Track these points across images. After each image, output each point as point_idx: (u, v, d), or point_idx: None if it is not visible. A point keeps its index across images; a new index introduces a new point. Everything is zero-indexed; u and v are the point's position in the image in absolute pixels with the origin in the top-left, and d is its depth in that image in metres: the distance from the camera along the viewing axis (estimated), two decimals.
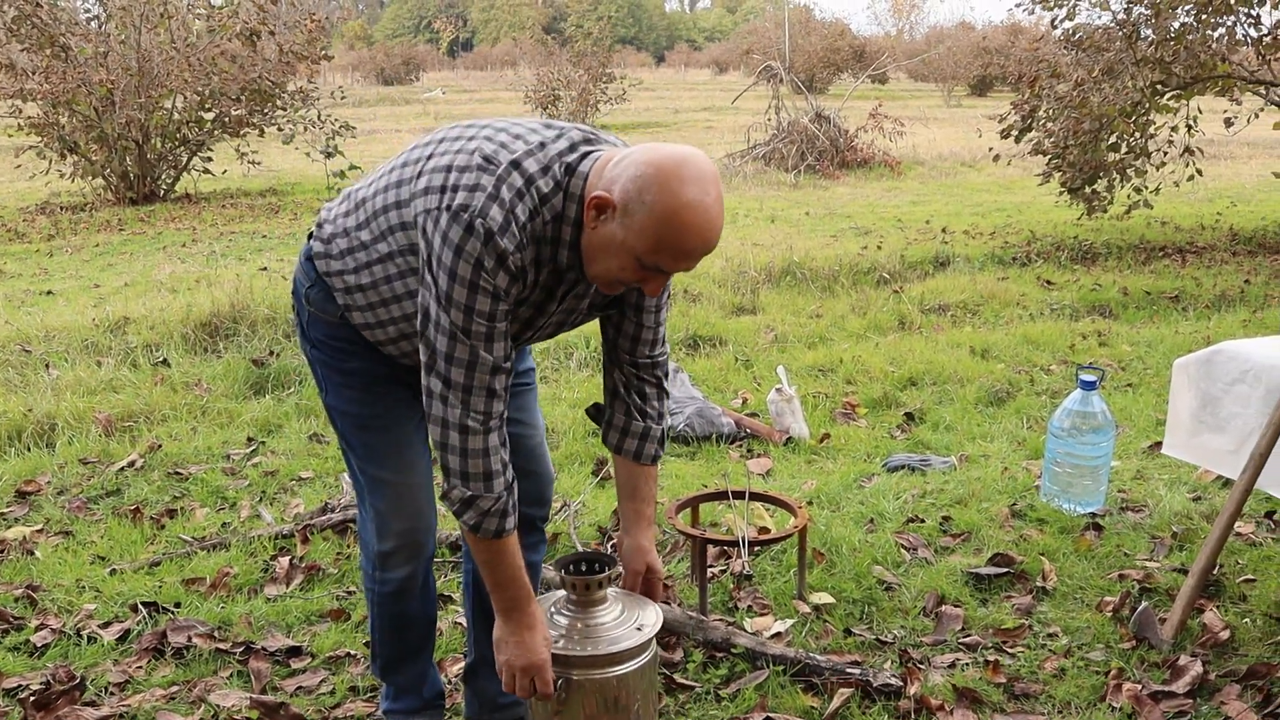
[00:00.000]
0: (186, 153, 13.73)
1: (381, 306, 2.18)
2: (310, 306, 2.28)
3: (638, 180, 1.90)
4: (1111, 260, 8.93)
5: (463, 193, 1.94)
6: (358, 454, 2.35)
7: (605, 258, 2.00)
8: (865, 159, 16.04)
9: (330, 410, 2.38)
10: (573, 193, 2.00)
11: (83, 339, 6.16)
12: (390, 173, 2.13)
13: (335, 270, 2.21)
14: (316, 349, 2.32)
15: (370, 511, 2.38)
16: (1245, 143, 17.50)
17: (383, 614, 2.49)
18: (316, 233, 2.27)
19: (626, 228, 1.93)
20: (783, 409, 4.84)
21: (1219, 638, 2.98)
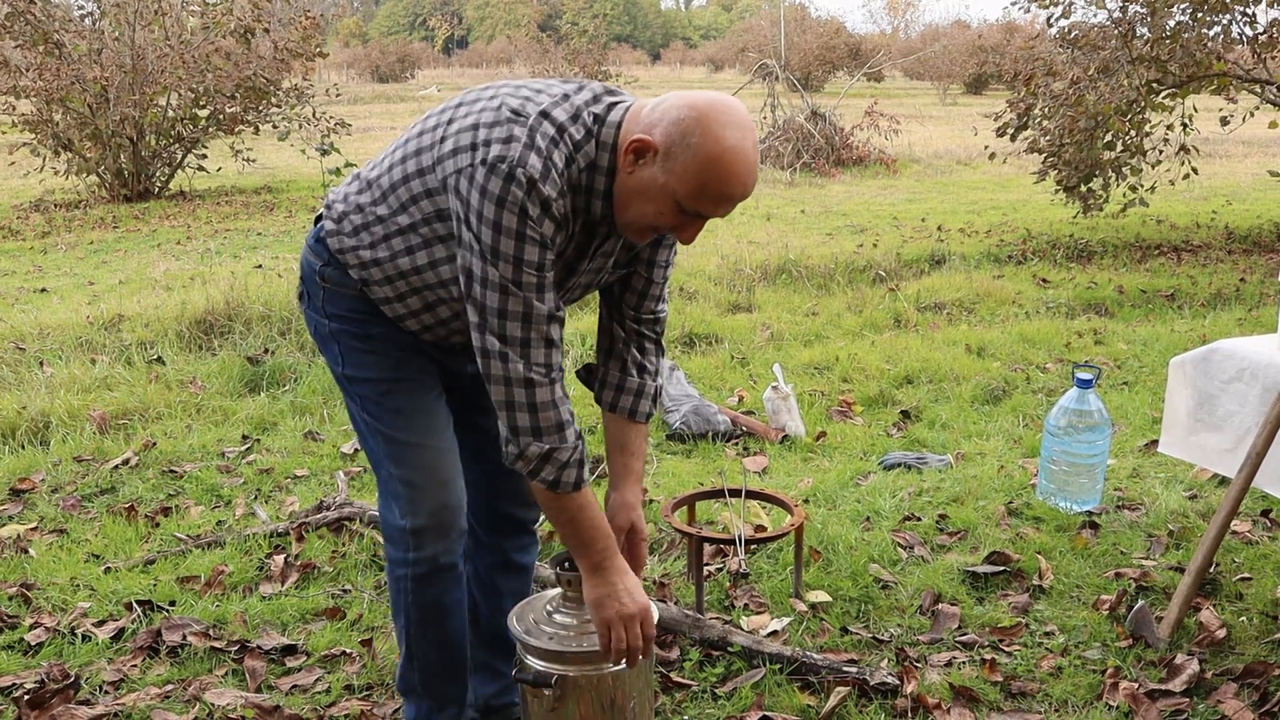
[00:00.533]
0: (181, 150, 13.70)
1: (401, 279, 2.15)
2: (326, 284, 2.24)
3: (680, 124, 1.90)
4: (1107, 258, 8.93)
5: (497, 145, 1.92)
6: (383, 421, 2.26)
7: (642, 202, 1.99)
8: (861, 157, 16.04)
9: (350, 383, 2.30)
10: (605, 141, 1.99)
11: (77, 336, 6.14)
12: (405, 144, 2.11)
13: (349, 247, 2.18)
14: (336, 321, 2.26)
15: (398, 487, 2.26)
16: (1240, 141, 17.53)
17: (419, 603, 2.33)
18: (326, 214, 2.25)
19: (668, 171, 1.93)
20: (779, 407, 4.84)
21: (1215, 636, 2.98)
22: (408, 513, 2.26)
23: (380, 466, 2.31)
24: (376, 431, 2.27)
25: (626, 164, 1.96)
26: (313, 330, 2.35)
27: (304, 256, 2.31)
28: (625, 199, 2.00)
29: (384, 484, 2.31)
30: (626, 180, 1.98)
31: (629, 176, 1.97)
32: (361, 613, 3.27)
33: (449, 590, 2.35)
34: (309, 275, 2.29)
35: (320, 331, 2.31)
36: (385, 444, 2.27)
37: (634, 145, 1.93)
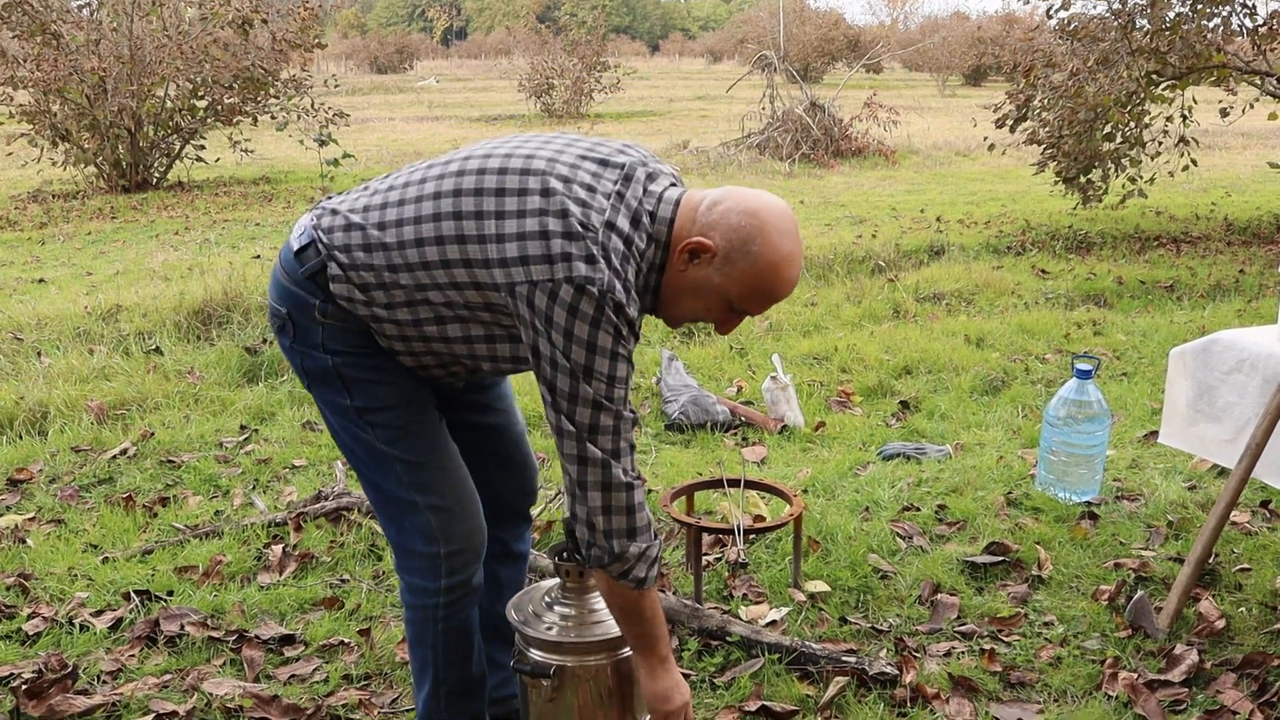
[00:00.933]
0: (179, 141, 13.67)
1: (421, 341, 2.10)
2: (327, 320, 2.10)
3: (740, 231, 1.95)
4: (1106, 250, 8.92)
5: (581, 266, 1.88)
6: (403, 449, 2.18)
7: (692, 300, 2.03)
8: (860, 148, 16.02)
9: (362, 415, 2.17)
10: (659, 239, 2.01)
11: (75, 327, 6.13)
12: (435, 220, 1.99)
13: (360, 299, 2.06)
14: (339, 356, 2.13)
15: (425, 516, 2.20)
16: (1240, 133, 17.51)
17: (450, 629, 2.29)
18: (329, 254, 2.07)
19: (725, 275, 1.97)
20: (778, 397, 4.83)
21: (1215, 627, 2.98)
22: (440, 539, 2.21)
23: (399, 499, 2.21)
24: (396, 460, 2.18)
25: (680, 261, 1.99)
26: (303, 366, 2.19)
27: (285, 289, 2.14)
28: (675, 295, 2.04)
29: (404, 515, 2.22)
30: (679, 277, 2.01)
31: (681, 274, 2.00)
32: (360, 602, 3.27)
33: (473, 609, 2.33)
34: (300, 311, 2.12)
35: (318, 367, 2.16)
36: (410, 471, 2.19)
37: (691, 246, 1.96)
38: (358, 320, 2.10)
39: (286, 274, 2.13)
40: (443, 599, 2.25)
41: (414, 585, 2.27)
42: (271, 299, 2.18)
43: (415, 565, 2.25)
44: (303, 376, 2.22)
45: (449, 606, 2.26)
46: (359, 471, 2.26)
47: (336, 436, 2.26)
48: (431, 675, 2.32)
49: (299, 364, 2.20)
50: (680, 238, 1.99)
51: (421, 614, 2.28)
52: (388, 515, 2.25)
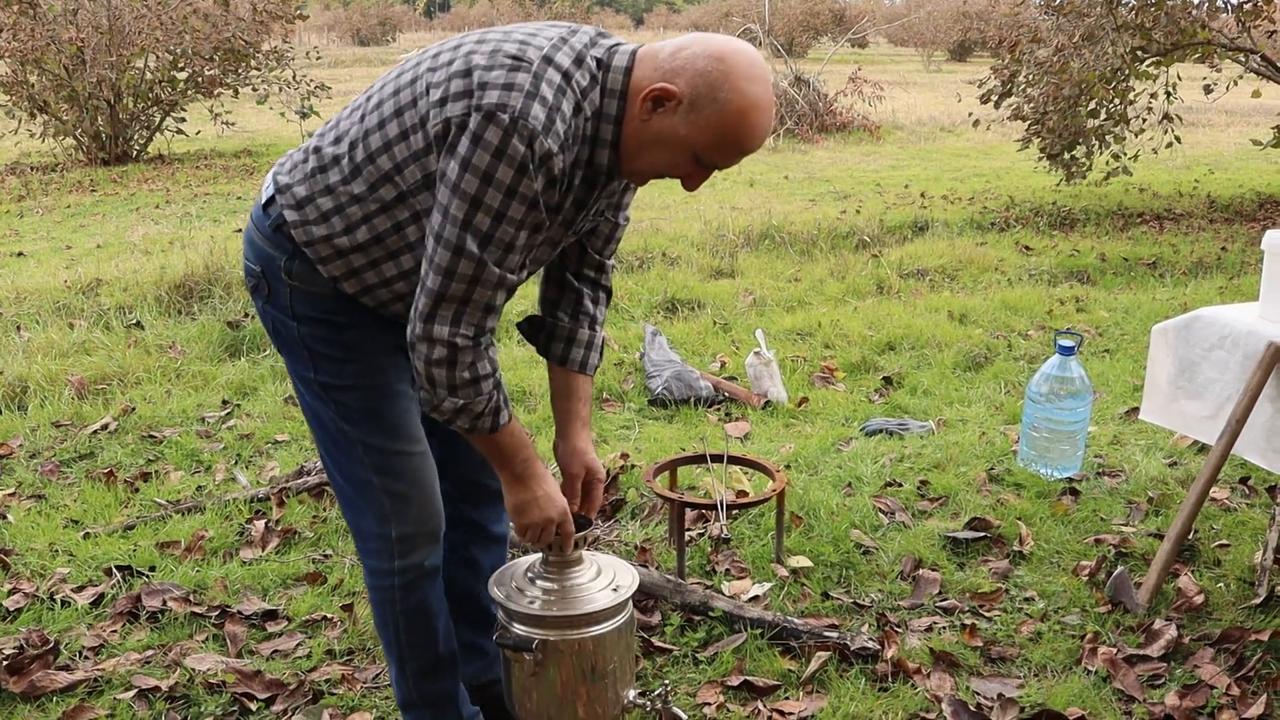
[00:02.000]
0: (159, 113, 13.56)
1: (389, 260, 1.99)
2: (294, 281, 2.04)
3: (707, 76, 1.82)
4: (1090, 226, 8.94)
5: (496, 91, 1.77)
6: (364, 429, 2.12)
7: (656, 152, 1.91)
8: (844, 123, 15.99)
9: (326, 391, 2.12)
10: (612, 88, 1.89)
11: (54, 301, 6.09)
12: (378, 109, 1.93)
13: (320, 236, 1.99)
14: (306, 325, 2.07)
15: (380, 497, 2.16)
16: (1224, 110, 17.54)
17: (407, 610, 2.26)
18: (281, 199, 2.03)
19: (691, 123, 1.85)
20: (761, 372, 4.83)
21: (1193, 602, 3.00)
22: (393, 521, 2.18)
23: (355, 477, 2.17)
24: (356, 441, 2.13)
25: (642, 111, 1.86)
26: (272, 329, 2.14)
27: (257, 246, 2.07)
28: (637, 147, 1.91)
29: (358, 494, 2.18)
30: (640, 128, 1.88)
31: (643, 124, 1.88)
32: (342, 578, 3.26)
33: (433, 591, 2.30)
34: (269, 270, 2.06)
35: (286, 334, 2.11)
36: (367, 453, 2.14)
37: (654, 93, 1.84)
38: (323, 281, 2.03)
39: (258, 229, 2.08)
40: (397, 580, 2.23)
41: (371, 567, 2.25)
42: (245, 258, 2.13)
43: (370, 546, 2.23)
44: (274, 341, 2.17)
45: (404, 589, 2.24)
46: (320, 446, 2.21)
47: (303, 409, 2.22)
48: (397, 654, 2.31)
49: (269, 328, 2.15)
50: (640, 87, 1.87)
51: (380, 595, 2.26)
52: (344, 494, 2.22)
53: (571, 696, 2.24)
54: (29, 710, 2.65)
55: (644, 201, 9.86)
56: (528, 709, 2.28)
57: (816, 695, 2.67)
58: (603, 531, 3.55)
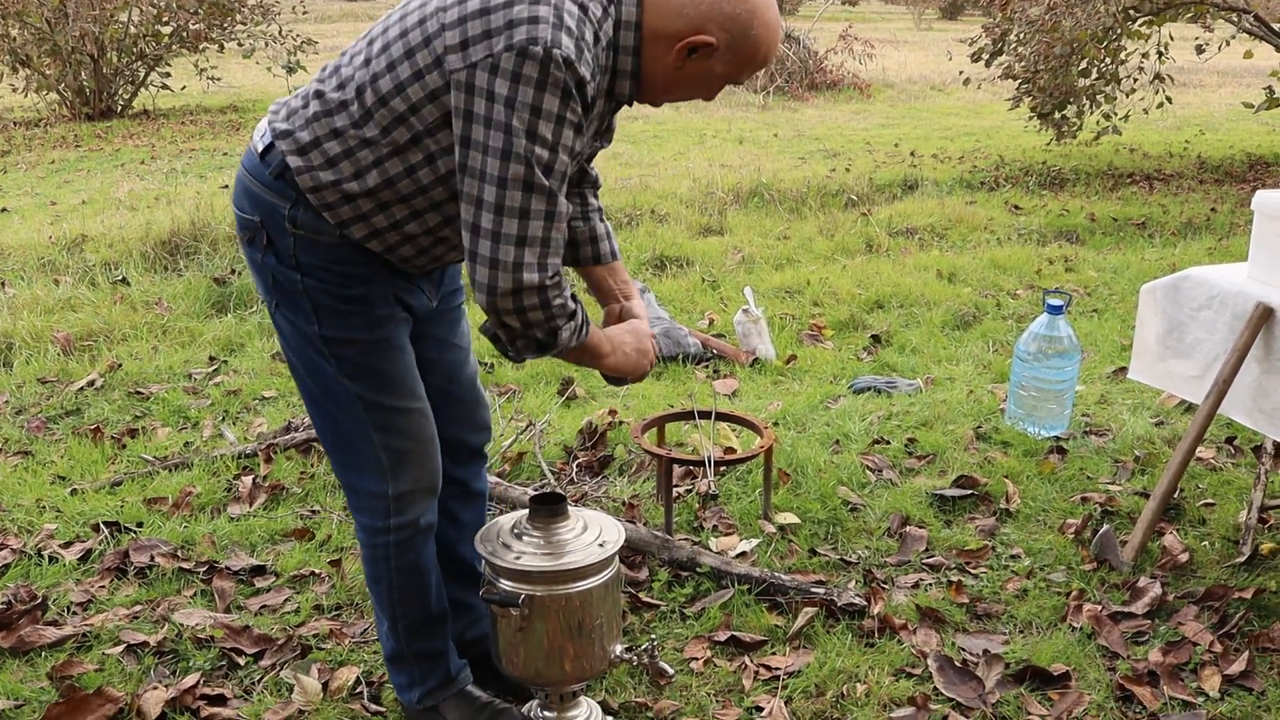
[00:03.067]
0: (144, 68, 13.41)
1: (400, 203, 1.98)
2: (299, 230, 2.00)
3: (739, 19, 1.92)
4: (1079, 186, 8.93)
5: (524, 26, 1.78)
6: (365, 385, 2.10)
7: (691, 89, 2.01)
8: (834, 81, 15.92)
9: (327, 345, 2.07)
10: (627, 20, 1.92)
11: (39, 257, 6.05)
12: (381, 55, 1.92)
13: (328, 182, 1.96)
14: (310, 276, 2.03)
15: (378, 454, 2.14)
16: (1215, 71, 17.49)
17: (401, 567, 2.25)
18: (282, 145, 1.98)
19: (728, 62, 1.95)
20: (749, 330, 4.83)
21: (1178, 560, 3.02)
22: (390, 478, 2.17)
23: (352, 434, 2.15)
24: (356, 397, 2.11)
25: (676, 58, 1.93)
26: (269, 283, 2.08)
27: (255, 196, 2.03)
28: (671, 85, 1.99)
29: (355, 451, 2.16)
30: (674, 73, 1.96)
31: (678, 70, 1.95)
32: (330, 533, 3.26)
33: (427, 548, 2.30)
34: (270, 219, 2.02)
35: (288, 286, 2.05)
36: (367, 410, 2.12)
37: (690, 44, 1.91)
38: (329, 229, 2.01)
39: (254, 178, 2.03)
40: (393, 538, 2.22)
41: (364, 524, 2.24)
42: (240, 209, 2.07)
43: (363, 504, 2.21)
44: (269, 295, 2.10)
45: (399, 545, 2.24)
46: (313, 404, 2.17)
47: (293, 365, 2.16)
48: (389, 612, 2.31)
49: (268, 281, 2.08)
50: (662, 30, 1.92)
51: (373, 552, 2.25)
52: (338, 452, 2.20)
53: (558, 651, 2.25)
54: (18, 665, 2.65)
55: (632, 159, 9.82)
56: (515, 664, 2.29)
57: (803, 650, 2.69)
58: (590, 488, 3.56)
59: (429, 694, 2.37)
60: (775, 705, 2.47)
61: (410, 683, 2.37)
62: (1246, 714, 2.44)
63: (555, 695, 2.35)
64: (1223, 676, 2.55)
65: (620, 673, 2.59)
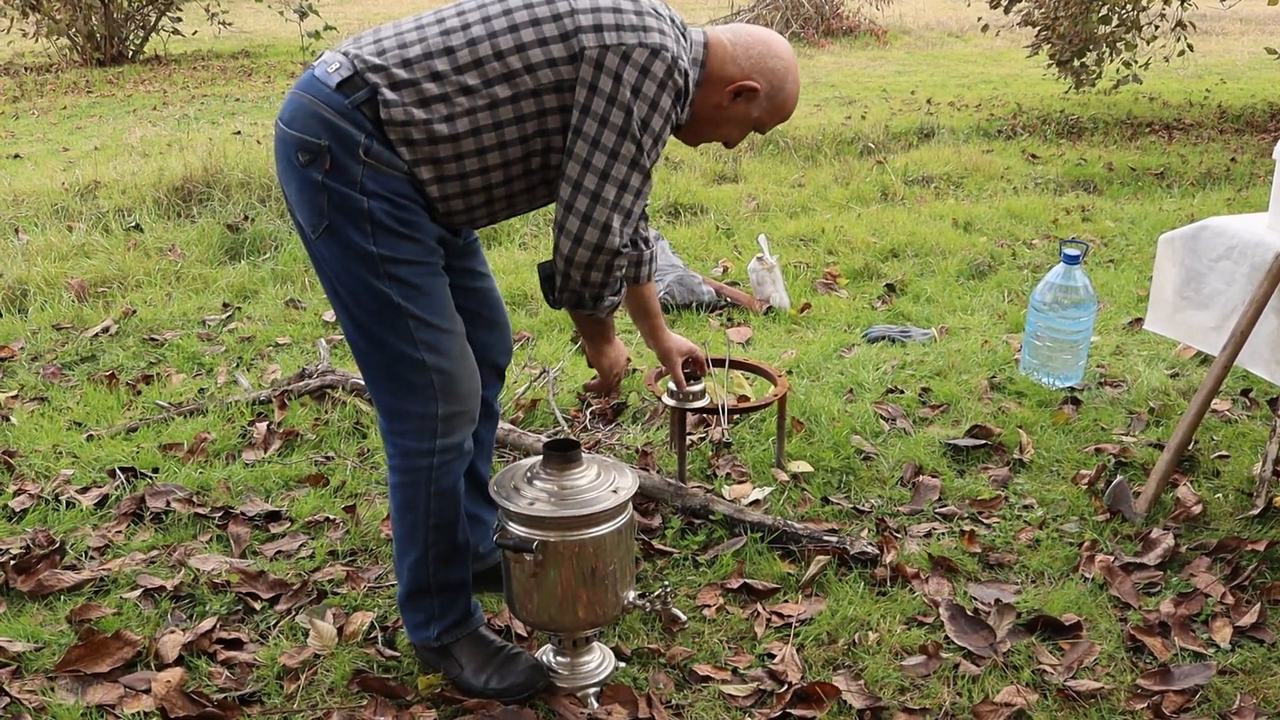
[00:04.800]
0: (154, 12, 13.34)
1: (475, 156, 2.12)
2: (370, 159, 2.07)
3: (777, 74, 2.31)
4: (1098, 135, 8.84)
5: (655, 34, 2.11)
6: (419, 305, 2.15)
7: (730, 129, 2.35)
8: (851, 27, 15.75)
9: (382, 263, 2.12)
10: (695, 59, 2.25)
11: (52, 203, 6.05)
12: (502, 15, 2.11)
13: (420, 119, 2.06)
14: (374, 199, 2.09)
15: (427, 375, 2.19)
16: (1239, 18, 17.23)
17: (440, 491, 2.28)
18: (375, 78, 2.06)
19: (764, 108, 2.33)
20: (764, 278, 4.81)
21: (1191, 512, 3.02)
22: (440, 399, 2.21)
23: (402, 355, 2.18)
24: (409, 316, 2.15)
25: (725, 98, 2.28)
26: (327, 204, 2.10)
27: (327, 120, 2.07)
28: (713, 125, 2.33)
29: (405, 373, 2.20)
30: (721, 110, 2.30)
31: (722, 110, 2.30)
32: (345, 479, 3.28)
33: (461, 473, 2.33)
34: (342, 146, 2.07)
35: (351, 206, 2.09)
36: (419, 329, 2.17)
37: (741, 88, 2.27)
38: (400, 164, 2.09)
39: (328, 106, 2.07)
40: (436, 459, 2.25)
41: (407, 449, 2.25)
42: (302, 132, 2.08)
43: (408, 428, 2.24)
44: (319, 217, 2.12)
45: (441, 468, 2.27)
46: (359, 327, 2.19)
47: (342, 288, 2.17)
48: (421, 539, 2.32)
49: (322, 202, 2.10)
50: (719, 74, 2.26)
51: (413, 477, 2.27)
52: (384, 374, 2.21)
53: (571, 598, 2.26)
54: (37, 608, 2.68)
55: None
56: (528, 610, 2.31)
57: (815, 598, 2.70)
58: (604, 435, 3.56)
59: (447, 630, 2.39)
60: (787, 652, 2.48)
61: (428, 619, 2.39)
62: (1257, 665, 2.44)
63: (568, 641, 2.37)
64: (1234, 628, 2.56)
65: (633, 619, 2.60)
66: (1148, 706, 2.30)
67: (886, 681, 2.40)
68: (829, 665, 2.47)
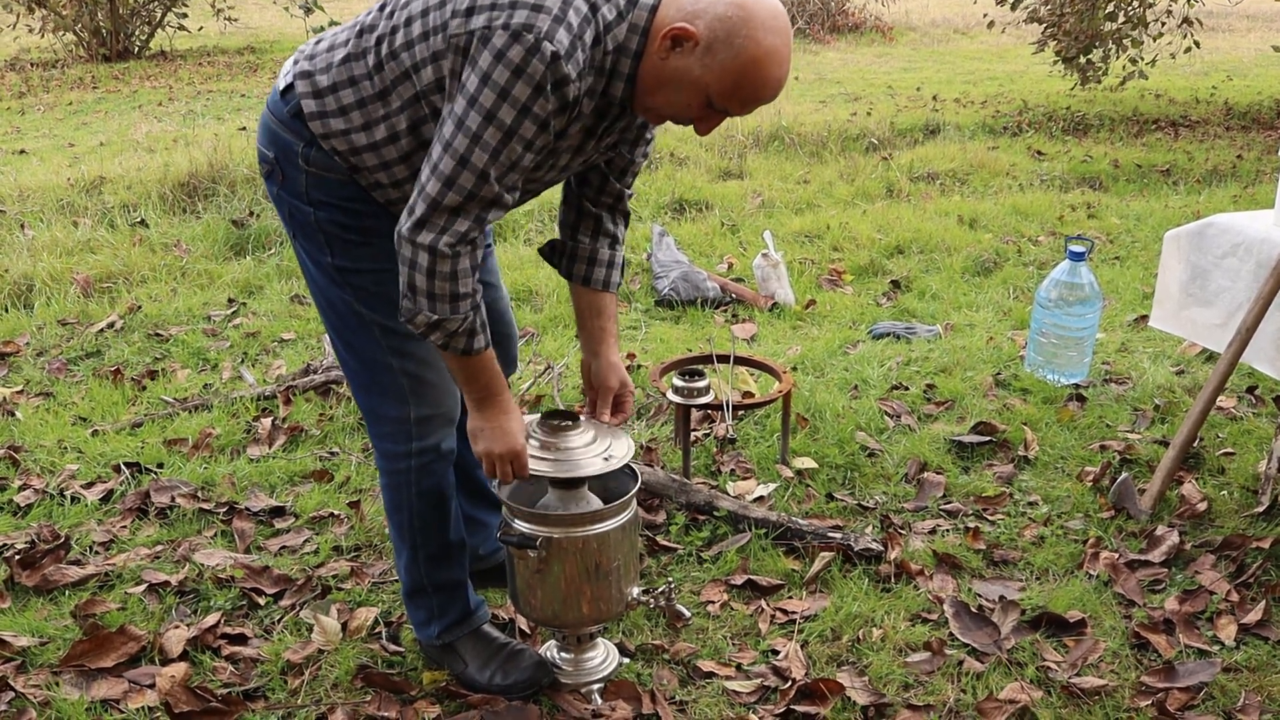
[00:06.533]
0: (160, 8, 13.34)
1: (402, 163, 2.01)
2: (310, 168, 2.05)
3: (726, 21, 1.84)
4: (1103, 132, 8.82)
5: (524, 11, 1.79)
6: (381, 313, 2.12)
7: (671, 92, 1.93)
8: (856, 24, 15.73)
9: (343, 275, 2.12)
10: (636, 24, 1.90)
11: (58, 199, 6.05)
12: (403, 8, 1.94)
13: (338, 130, 2.00)
14: (323, 210, 2.07)
15: (398, 379, 2.18)
16: (1245, 15, 17.20)
17: (422, 493, 2.28)
18: (301, 87, 2.03)
19: (706, 66, 1.87)
20: (768, 274, 4.81)
21: (1196, 509, 3.01)
22: (411, 403, 2.21)
23: (372, 360, 2.19)
24: (372, 324, 2.15)
25: (661, 49, 1.88)
26: (287, 215, 2.13)
27: (273, 132, 2.08)
28: (653, 84, 1.93)
29: (376, 377, 2.20)
30: (659, 66, 1.90)
31: (661, 63, 1.90)
32: (349, 475, 3.28)
33: (446, 475, 2.33)
34: (285, 157, 2.07)
35: (302, 220, 2.11)
36: (384, 335, 2.16)
37: (673, 32, 1.86)
38: (339, 166, 2.04)
39: (274, 116, 2.08)
40: (414, 462, 2.25)
41: (386, 451, 2.27)
42: (260, 143, 2.13)
43: (385, 430, 2.25)
44: (287, 226, 2.17)
45: (420, 470, 2.26)
46: (334, 332, 2.22)
47: (315, 295, 2.22)
48: (410, 540, 2.33)
49: (285, 214, 2.14)
50: (662, 24, 1.88)
51: (395, 479, 2.28)
52: (360, 378, 2.23)
53: (576, 593, 2.26)
54: (42, 603, 2.68)
55: None
56: (532, 605, 2.31)
57: (819, 595, 2.70)
58: None
59: (447, 629, 2.39)
60: (791, 648, 2.48)
61: (429, 618, 2.40)
62: (1262, 663, 2.44)
63: (573, 637, 2.37)
64: (1239, 625, 2.55)
65: (637, 615, 2.60)
66: (1152, 704, 2.30)
67: (891, 678, 2.40)
68: (833, 662, 2.47)
